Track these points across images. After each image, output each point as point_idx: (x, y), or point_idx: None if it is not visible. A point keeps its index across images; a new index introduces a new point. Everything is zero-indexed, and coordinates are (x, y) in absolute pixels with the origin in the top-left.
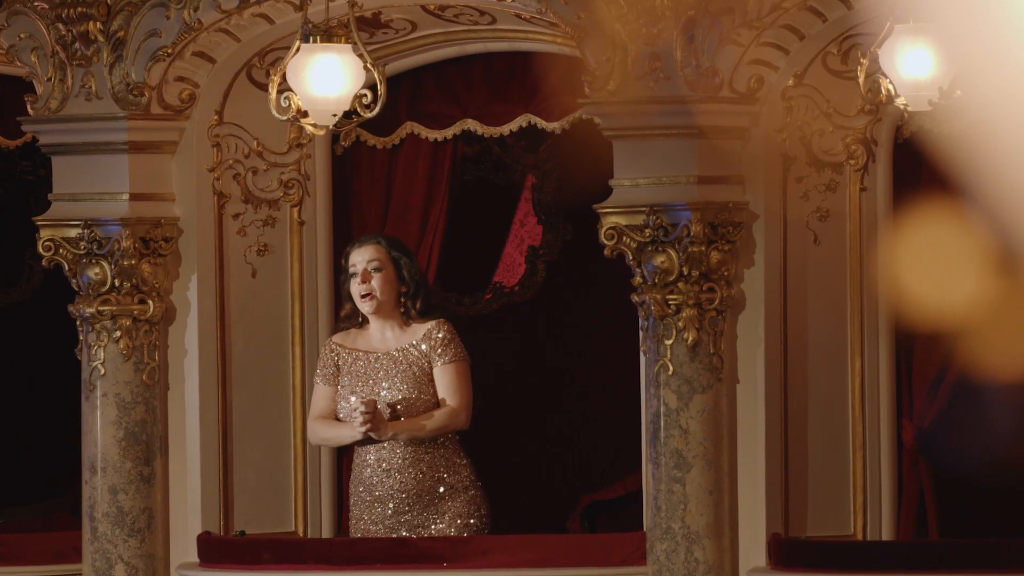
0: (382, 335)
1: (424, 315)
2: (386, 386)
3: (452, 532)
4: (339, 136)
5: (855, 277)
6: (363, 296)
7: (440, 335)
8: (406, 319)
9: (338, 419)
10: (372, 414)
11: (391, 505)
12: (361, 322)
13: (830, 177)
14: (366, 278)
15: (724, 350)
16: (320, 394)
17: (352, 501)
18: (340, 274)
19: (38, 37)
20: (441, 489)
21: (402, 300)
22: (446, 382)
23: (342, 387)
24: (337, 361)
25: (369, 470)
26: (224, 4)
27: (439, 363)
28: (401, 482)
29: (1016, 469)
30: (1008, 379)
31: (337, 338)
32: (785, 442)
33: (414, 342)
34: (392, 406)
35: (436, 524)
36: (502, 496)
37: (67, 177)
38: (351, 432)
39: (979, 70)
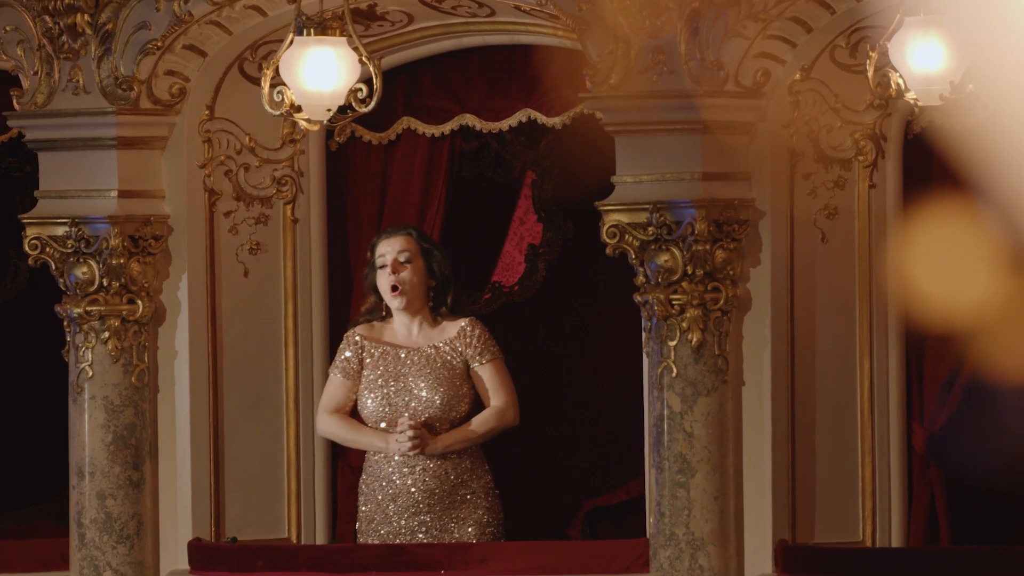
0: (409, 331)
1: (453, 311)
2: (423, 385)
3: (470, 539)
4: (334, 131)
5: (864, 276)
6: (392, 289)
7: (476, 333)
8: (435, 316)
9: (359, 416)
10: (421, 432)
11: (410, 506)
12: (384, 316)
13: (838, 173)
14: (396, 269)
15: (729, 351)
16: (336, 386)
17: (363, 500)
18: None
19: (24, 30)
20: (463, 493)
21: (431, 295)
22: (488, 381)
23: (368, 383)
24: (361, 354)
25: (391, 467)
26: None
27: (478, 363)
28: (424, 482)
29: None
30: (1022, 381)
31: (361, 330)
32: (792, 446)
33: (447, 340)
34: (429, 423)
35: (455, 529)
36: (501, 501)
37: (54, 174)
38: (380, 442)
39: (991, 63)
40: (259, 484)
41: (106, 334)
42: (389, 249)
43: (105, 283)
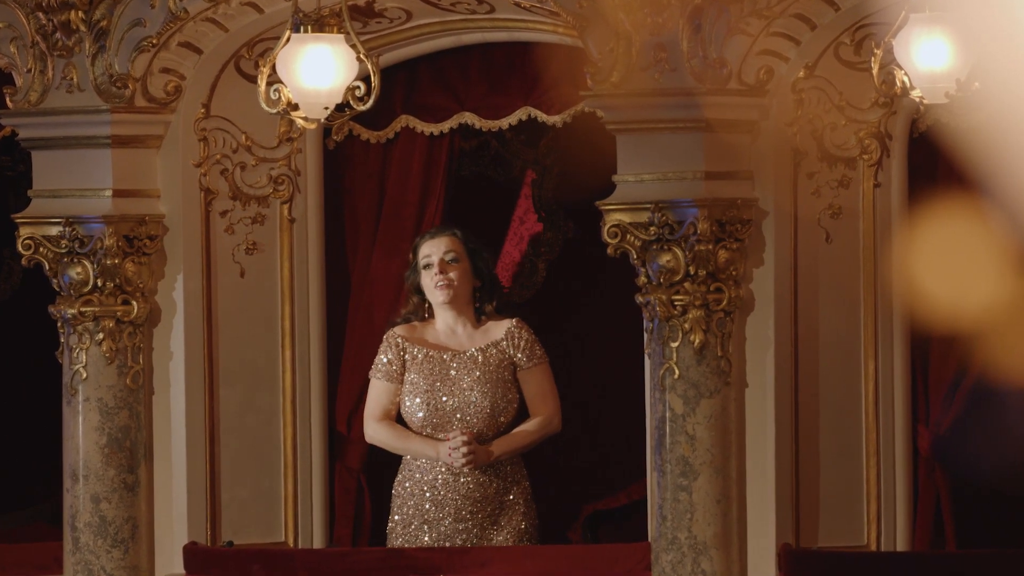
0: (453, 331)
1: (500, 312)
2: (473, 389)
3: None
4: (331, 130)
5: (869, 277)
6: (438, 285)
7: (525, 336)
8: (479, 317)
9: (400, 415)
10: (474, 449)
11: (451, 511)
12: (425, 317)
13: (843, 173)
14: (443, 268)
15: (732, 353)
16: (381, 391)
17: (398, 504)
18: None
19: (17, 26)
20: (504, 499)
21: (476, 295)
22: (535, 387)
23: (412, 385)
24: (403, 356)
25: (435, 474)
26: None
27: (526, 366)
28: (468, 488)
29: None
30: None
31: (401, 331)
32: (796, 449)
33: (494, 342)
34: (479, 433)
35: (495, 535)
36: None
37: (48, 173)
38: (430, 451)
39: (997, 61)
40: (255, 487)
41: (100, 335)
42: (434, 250)
43: (99, 283)
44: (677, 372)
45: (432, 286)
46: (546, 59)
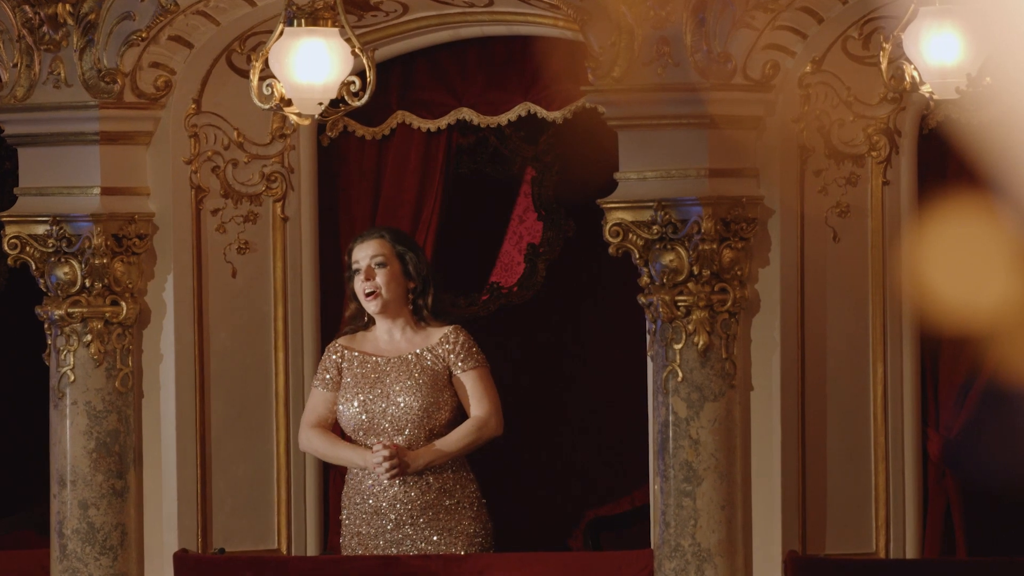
0: (390, 336)
1: (437, 316)
2: (401, 391)
3: (458, 550)
4: (325, 126)
5: (877, 277)
6: (368, 294)
7: (460, 340)
8: (418, 320)
9: (339, 425)
10: (397, 461)
11: (392, 517)
12: (367, 323)
13: (850, 170)
14: (369, 275)
15: (737, 355)
16: (318, 399)
17: (346, 514)
18: (339, 271)
19: (3, 20)
20: (447, 503)
21: (410, 297)
22: (470, 390)
23: (345, 390)
24: (340, 364)
25: (371, 480)
26: None
27: (460, 370)
28: (405, 493)
29: None
30: None
31: (342, 341)
32: (802, 454)
33: (429, 347)
34: (406, 441)
35: (440, 540)
36: (499, 511)
37: (34, 170)
38: (359, 460)
39: (1009, 55)
40: (248, 493)
41: (88, 337)
42: (363, 254)
43: (87, 284)
44: (680, 375)
45: (362, 294)
46: (546, 53)
